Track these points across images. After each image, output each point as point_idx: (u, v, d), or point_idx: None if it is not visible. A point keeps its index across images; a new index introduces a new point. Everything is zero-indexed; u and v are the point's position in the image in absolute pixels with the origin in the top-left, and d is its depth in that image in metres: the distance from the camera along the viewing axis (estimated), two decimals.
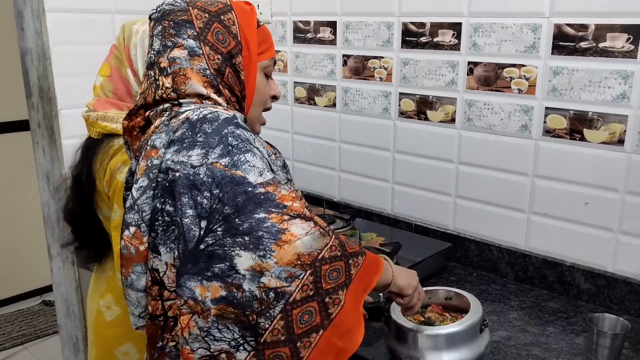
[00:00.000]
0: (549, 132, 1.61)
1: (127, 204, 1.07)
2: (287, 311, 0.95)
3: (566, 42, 1.54)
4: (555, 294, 1.67)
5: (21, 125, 3.29)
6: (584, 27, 1.50)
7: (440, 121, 1.84)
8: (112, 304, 1.45)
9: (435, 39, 1.79)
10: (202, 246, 0.97)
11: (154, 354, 1.10)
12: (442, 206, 1.90)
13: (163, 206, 1.03)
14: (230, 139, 1.01)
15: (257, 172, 0.99)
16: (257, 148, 1.04)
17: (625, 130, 1.48)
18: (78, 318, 2.18)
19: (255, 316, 0.95)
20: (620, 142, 1.49)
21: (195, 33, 1.09)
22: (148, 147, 1.06)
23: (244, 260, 0.95)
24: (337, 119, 2.12)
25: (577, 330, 1.48)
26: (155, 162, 1.04)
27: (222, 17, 1.11)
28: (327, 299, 0.98)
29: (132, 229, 1.06)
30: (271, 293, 0.95)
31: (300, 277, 0.95)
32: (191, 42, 1.09)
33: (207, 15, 1.10)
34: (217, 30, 1.10)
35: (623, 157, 1.50)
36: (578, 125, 1.56)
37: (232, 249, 0.96)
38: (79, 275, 2.12)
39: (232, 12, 1.13)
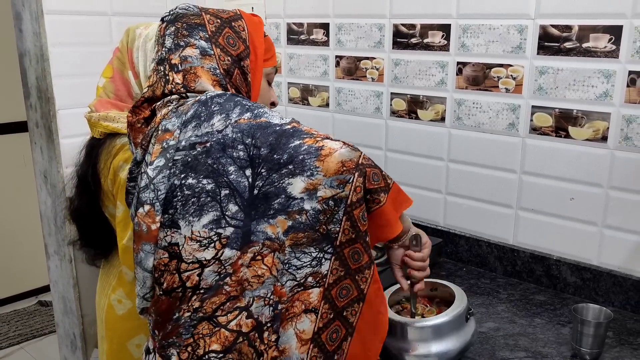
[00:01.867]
0: (535, 130, 1.66)
1: (143, 184, 1.11)
2: (348, 213, 1.03)
3: (551, 42, 1.59)
4: (543, 287, 1.71)
5: (18, 127, 3.32)
6: (568, 28, 1.55)
7: (431, 120, 1.88)
8: (123, 298, 1.49)
9: (425, 40, 1.84)
10: (255, 192, 1.04)
11: (167, 327, 1.10)
12: (433, 203, 1.94)
13: (183, 181, 1.07)
14: (244, 102, 1.10)
15: (279, 117, 1.09)
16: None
17: (608, 128, 1.53)
18: (76, 315, 2.21)
19: (324, 226, 1.04)
20: (604, 139, 1.54)
21: (207, 35, 1.16)
22: (160, 132, 1.11)
23: (296, 186, 1.03)
24: (330, 118, 2.16)
25: (563, 321, 1.52)
26: (172, 142, 1.09)
27: (233, 23, 1.19)
28: (374, 196, 1.07)
29: (147, 207, 1.09)
30: (330, 202, 1.03)
31: (350, 180, 1.03)
32: (203, 43, 1.16)
33: (219, 20, 1.18)
34: (228, 35, 1.18)
35: (606, 153, 1.55)
36: (563, 123, 1.61)
37: (281, 181, 1.03)
38: (77, 273, 2.15)
39: (243, 20, 1.21)
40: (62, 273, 2.21)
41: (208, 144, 1.06)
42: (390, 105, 1.97)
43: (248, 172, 1.04)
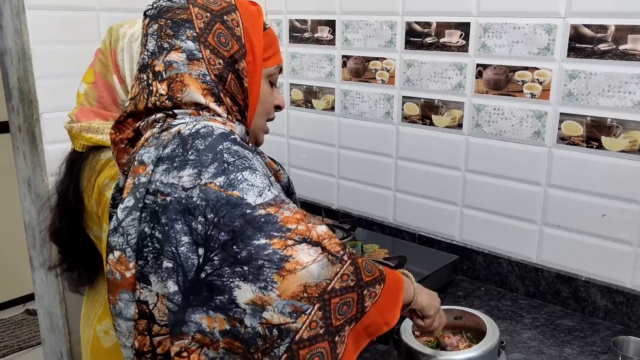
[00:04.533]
0: (563, 140, 1.52)
1: (112, 225, 0.96)
2: (292, 351, 0.84)
3: (583, 44, 1.45)
4: (570, 311, 1.57)
5: (3, 127, 3.15)
6: (603, 28, 1.41)
7: (447, 126, 1.74)
8: (110, 329, 1.34)
9: (442, 40, 1.69)
10: (202, 275, 0.87)
11: None
12: (448, 216, 1.80)
13: (152, 232, 0.91)
14: (225, 155, 0.90)
15: (257, 192, 0.88)
16: (256, 165, 0.93)
17: None
18: (62, 332, 2.06)
19: (260, 355, 0.85)
20: None
21: (194, 34, 0.98)
22: (136, 163, 0.95)
23: (244, 293, 0.85)
24: (335, 123, 2.01)
25: (596, 351, 1.39)
26: (143, 179, 0.93)
27: (225, 17, 1.01)
28: (336, 338, 0.87)
29: (117, 254, 0.95)
30: (274, 330, 0.84)
31: (307, 312, 0.84)
32: (190, 45, 0.98)
33: (208, 14, 0.99)
34: (219, 32, 0.99)
35: None
36: (595, 133, 1.46)
37: (230, 279, 0.86)
38: (63, 288, 2.01)
39: (237, 12, 1.02)
40: (48, 287, 2.06)
41: (168, 199, 0.89)
42: (402, 109, 1.83)
43: (201, 251, 0.87)
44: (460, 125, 1.71)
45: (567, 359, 1.36)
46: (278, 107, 1.16)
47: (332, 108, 2.01)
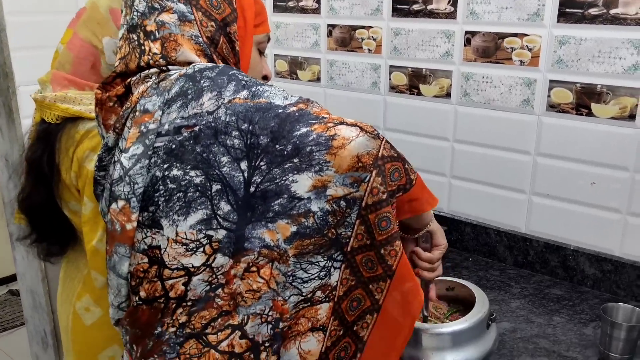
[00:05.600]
0: (553, 107, 1.50)
1: (116, 175, 0.93)
2: (362, 216, 0.87)
3: (573, 8, 1.42)
4: (558, 280, 1.57)
5: None
6: None
7: (435, 96, 1.71)
8: (91, 305, 1.30)
9: (429, 7, 1.66)
10: (252, 189, 0.86)
11: (148, 343, 0.94)
12: (436, 187, 1.78)
13: (167, 172, 0.89)
14: (240, 76, 0.91)
15: (282, 96, 0.90)
16: None
17: (637, 105, 1.37)
18: (45, 311, 2.03)
19: (333, 230, 0.88)
20: (631, 117, 1.39)
21: None
22: (138, 113, 0.92)
23: (303, 183, 0.86)
24: (322, 94, 1.98)
25: (584, 319, 1.38)
26: (152, 126, 0.90)
27: None
28: (392, 204, 0.91)
29: (121, 203, 0.92)
30: (342, 202, 0.86)
31: (367, 179, 0.86)
32: (182, 7, 0.95)
33: None
34: None
35: (634, 133, 1.39)
36: (585, 100, 1.44)
37: (283, 178, 0.86)
38: (45, 266, 1.97)
39: None
40: (29, 265, 2.02)
41: (196, 128, 0.88)
42: (389, 79, 1.79)
43: (244, 164, 0.86)
44: (448, 95, 1.68)
45: (556, 327, 1.35)
46: (265, 78, 1.14)
47: (318, 79, 1.97)
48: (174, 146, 0.89)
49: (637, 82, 1.36)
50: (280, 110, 0.87)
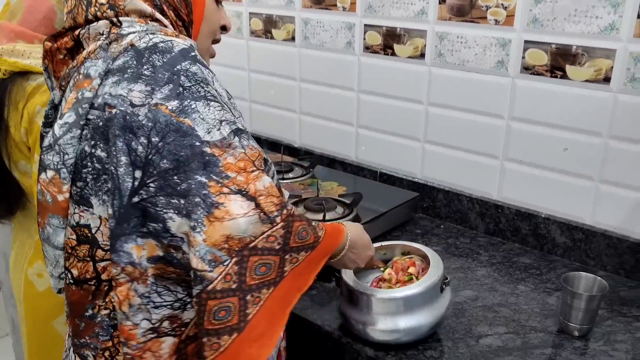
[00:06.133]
0: (527, 69, 1.43)
1: (46, 142, 0.90)
2: (201, 300, 0.79)
3: None
4: (529, 248, 1.53)
5: None
6: None
7: (409, 57, 1.65)
8: (43, 271, 1.27)
9: None
10: (135, 199, 0.81)
11: (79, 324, 0.94)
12: (410, 152, 1.73)
13: (93, 150, 0.85)
14: (182, 78, 0.83)
15: (205, 128, 0.81)
16: (216, 90, 0.87)
17: (612, 67, 1.31)
18: None
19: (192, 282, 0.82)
20: (606, 80, 1.32)
21: None
22: (80, 76, 0.88)
23: (179, 226, 0.81)
24: (296, 54, 1.91)
25: (549, 288, 1.34)
26: (88, 94, 0.85)
27: None
28: (248, 297, 0.81)
29: (50, 173, 0.89)
30: (191, 273, 0.80)
31: (225, 263, 0.79)
32: None
33: None
34: None
35: (608, 97, 1.33)
36: (560, 61, 1.38)
37: (164, 210, 0.81)
38: None
39: None
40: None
41: (114, 111, 0.82)
42: (364, 39, 1.73)
43: (138, 173, 0.81)
44: (422, 55, 1.62)
45: (519, 296, 1.32)
46: (224, 28, 1.07)
47: (293, 38, 1.90)
48: (101, 124, 0.84)
49: (613, 43, 1.30)
50: (197, 143, 0.80)
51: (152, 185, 0.80)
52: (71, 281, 0.93)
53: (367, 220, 1.50)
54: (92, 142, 0.85)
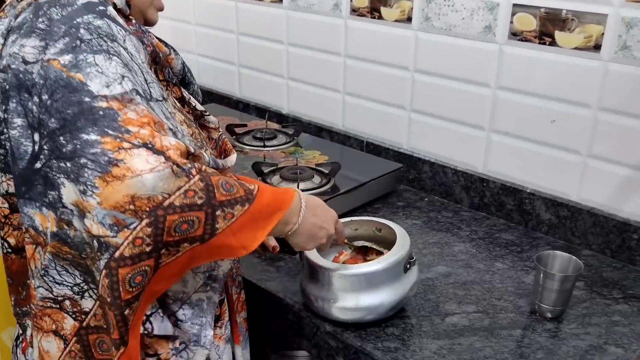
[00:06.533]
0: (515, 35, 1.35)
1: None
2: (111, 269, 0.73)
3: None
4: (513, 224, 1.46)
5: None
6: None
7: (396, 20, 1.56)
8: None
9: None
10: (37, 165, 0.76)
11: (21, 292, 0.92)
12: (396, 121, 1.66)
13: (5, 115, 0.80)
14: (82, 31, 0.76)
15: (104, 82, 0.74)
16: (126, 49, 0.80)
17: (602, 34, 1.22)
18: None
19: (90, 262, 0.76)
20: (597, 47, 1.24)
21: None
22: None
23: (69, 193, 0.74)
24: (284, 17, 1.84)
25: (528, 266, 1.28)
26: None
27: None
28: (163, 251, 0.76)
29: None
30: (95, 241, 0.73)
31: (132, 226, 0.72)
32: None
33: None
34: None
35: (599, 66, 1.25)
36: (549, 27, 1.29)
37: (57, 175, 0.75)
38: None
39: None
40: None
41: (9, 72, 0.77)
42: (351, 0, 1.65)
43: (37, 136, 0.75)
44: (409, 19, 1.53)
45: (494, 274, 1.26)
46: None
47: (281, 0, 1.83)
48: (7, 87, 0.79)
49: (605, 7, 1.21)
50: (86, 99, 0.73)
51: (45, 148, 0.75)
52: (9, 250, 0.90)
53: (346, 190, 1.45)
54: (4, 107, 0.80)
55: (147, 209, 0.72)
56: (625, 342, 1.06)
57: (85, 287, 0.80)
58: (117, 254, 0.72)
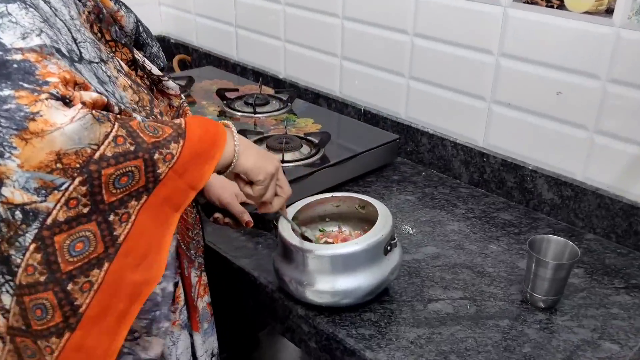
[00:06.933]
0: None
1: None
2: (44, 238, 0.65)
3: None
4: (513, 203, 1.37)
5: None
6: None
7: None
8: None
9: None
10: None
11: None
12: (395, 89, 1.56)
13: None
14: None
15: (19, 33, 0.66)
16: (48, 2, 0.72)
17: None
18: None
19: (6, 245, 0.67)
20: (609, 12, 1.12)
21: None
22: None
23: None
24: None
25: (524, 250, 1.19)
26: None
27: None
28: (111, 217, 0.69)
29: None
30: (17, 212, 0.65)
31: (63, 187, 0.65)
32: None
33: None
34: None
35: (610, 32, 1.13)
36: None
37: None
38: None
39: None
40: None
41: None
42: None
43: None
44: None
45: (487, 257, 1.17)
46: None
47: None
48: None
49: None
50: None
51: None
52: None
53: (337, 161, 1.37)
54: None
55: (78, 165, 0.65)
56: (622, 337, 0.97)
57: (2, 280, 0.70)
58: (49, 220, 0.65)
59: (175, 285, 0.89)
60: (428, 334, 0.97)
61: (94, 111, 0.66)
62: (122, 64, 0.82)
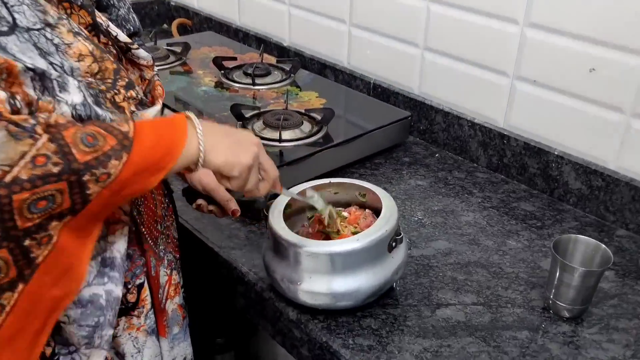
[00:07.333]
0: None
1: None
2: None
3: None
4: (536, 192, 1.23)
5: None
6: None
7: None
8: None
9: None
10: None
11: None
12: (407, 61, 1.41)
13: None
14: None
15: None
16: None
17: None
18: None
19: None
20: None
21: None
22: None
23: None
24: None
25: (547, 247, 1.06)
26: None
27: None
28: (26, 242, 0.58)
29: None
30: None
31: None
32: None
33: None
34: None
35: None
36: None
37: None
38: None
39: None
40: None
41: None
42: None
43: None
44: None
45: (505, 254, 1.05)
46: None
47: None
48: None
49: None
50: None
51: None
52: None
53: (341, 141, 1.24)
54: None
55: None
56: None
57: None
58: None
59: (141, 286, 0.78)
60: (435, 346, 0.85)
61: (10, 125, 0.55)
62: (79, 28, 0.69)
